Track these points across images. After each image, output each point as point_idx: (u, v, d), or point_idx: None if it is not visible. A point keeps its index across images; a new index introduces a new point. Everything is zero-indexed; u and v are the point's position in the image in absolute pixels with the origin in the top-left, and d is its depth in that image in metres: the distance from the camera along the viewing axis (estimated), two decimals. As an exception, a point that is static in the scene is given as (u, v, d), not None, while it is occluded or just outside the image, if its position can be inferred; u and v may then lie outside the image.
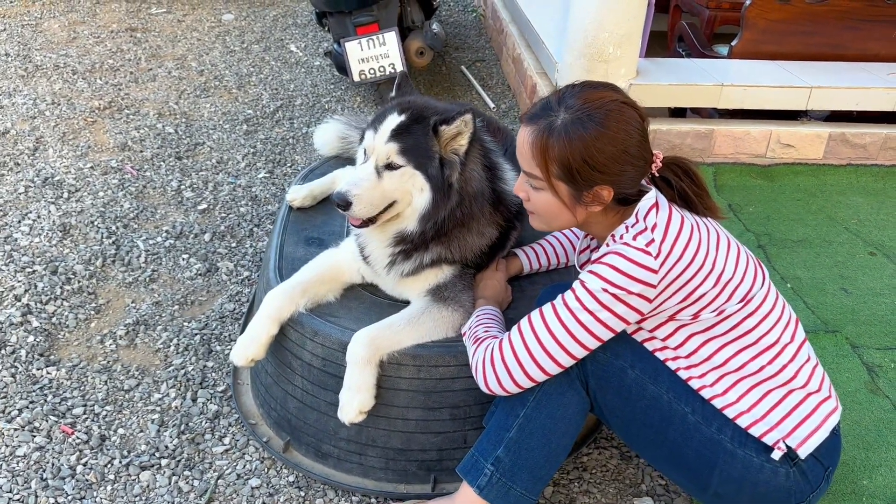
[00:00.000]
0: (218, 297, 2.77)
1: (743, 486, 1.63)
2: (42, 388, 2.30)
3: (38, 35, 5.35)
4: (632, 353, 1.67)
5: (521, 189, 1.69)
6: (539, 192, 1.63)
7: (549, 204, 1.64)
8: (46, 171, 3.54)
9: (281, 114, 4.36)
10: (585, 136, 1.52)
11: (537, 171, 1.59)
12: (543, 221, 1.71)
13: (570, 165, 1.54)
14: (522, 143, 1.62)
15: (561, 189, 1.59)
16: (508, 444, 1.68)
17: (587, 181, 1.55)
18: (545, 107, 1.59)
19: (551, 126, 1.55)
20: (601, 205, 1.61)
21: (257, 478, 2.05)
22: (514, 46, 4.77)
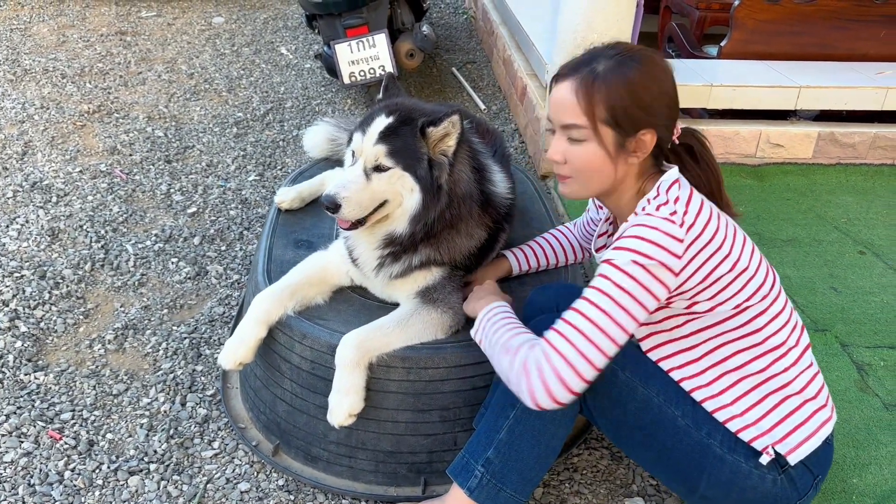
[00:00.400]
0: (207, 301, 2.76)
1: (730, 491, 1.64)
2: (30, 394, 2.29)
3: (27, 39, 5.33)
4: (623, 356, 1.64)
5: (557, 151, 1.60)
6: (580, 145, 1.56)
7: (591, 157, 1.56)
8: (35, 176, 3.52)
9: (271, 116, 4.35)
10: (630, 76, 1.52)
11: (582, 118, 1.53)
12: (581, 182, 1.62)
13: (617, 106, 1.51)
14: (562, 95, 1.56)
15: (606, 136, 1.54)
16: (499, 446, 1.67)
17: (633, 124, 1.53)
18: (581, 61, 1.58)
19: (594, 72, 1.53)
20: (643, 153, 1.57)
21: (247, 482, 2.04)
22: (504, 48, 4.78)
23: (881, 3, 3.97)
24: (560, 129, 1.59)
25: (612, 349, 1.51)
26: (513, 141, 4.17)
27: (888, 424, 2.22)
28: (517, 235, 2.35)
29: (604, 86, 1.52)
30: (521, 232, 2.39)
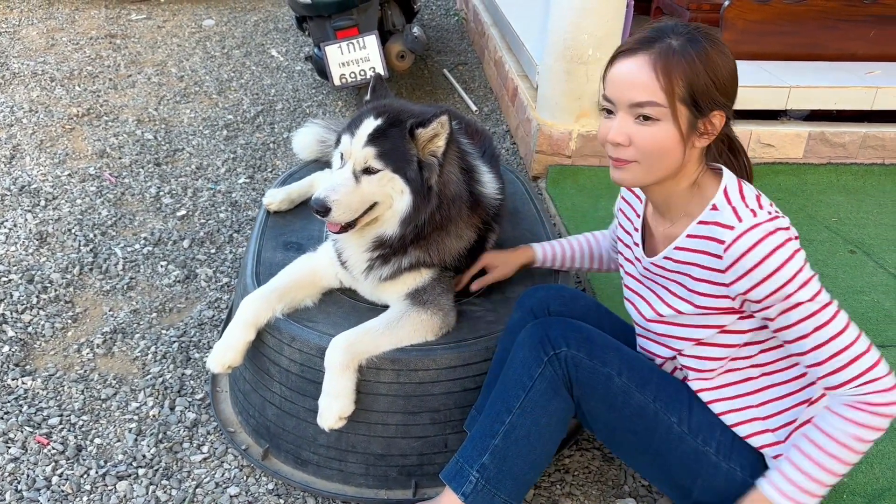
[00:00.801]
0: (197, 304, 2.75)
1: (724, 498, 1.62)
2: (17, 399, 2.27)
3: (15, 42, 5.30)
4: (619, 360, 1.64)
5: (621, 132, 1.48)
6: (652, 126, 1.46)
7: (663, 138, 1.46)
8: (23, 179, 3.49)
9: (261, 119, 4.33)
10: (708, 53, 1.44)
11: (660, 95, 1.43)
12: (646, 167, 1.50)
13: (697, 84, 1.43)
14: (633, 71, 1.46)
15: (682, 115, 1.45)
16: (494, 452, 1.65)
17: (708, 104, 1.45)
18: (650, 37, 1.48)
19: (670, 47, 1.44)
20: (711, 137, 1.50)
21: (236, 486, 2.02)
22: (495, 49, 4.77)
23: (870, 3, 3.98)
24: (627, 108, 1.48)
25: (864, 340, 1.44)
26: (504, 142, 4.16)
27: (879, 423, 2.21)
28: (507, 236, 2.34)
29: (683, 62, 1.43)
30: (512, 233, 2.39)
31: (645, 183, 1.55)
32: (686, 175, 1.54)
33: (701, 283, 1.54)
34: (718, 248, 1.45)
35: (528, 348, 1.65)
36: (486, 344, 1.92)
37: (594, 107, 3.56)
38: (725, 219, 1.45)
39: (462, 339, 1.92)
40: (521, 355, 1.66)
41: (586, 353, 1.62)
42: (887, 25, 4.04)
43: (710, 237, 1.48)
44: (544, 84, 3.63)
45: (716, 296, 1.52)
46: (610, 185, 3.58)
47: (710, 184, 1.55)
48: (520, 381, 1.64)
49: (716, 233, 1.46)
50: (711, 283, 1.51)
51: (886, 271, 2.98)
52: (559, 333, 1.64)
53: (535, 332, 1.66)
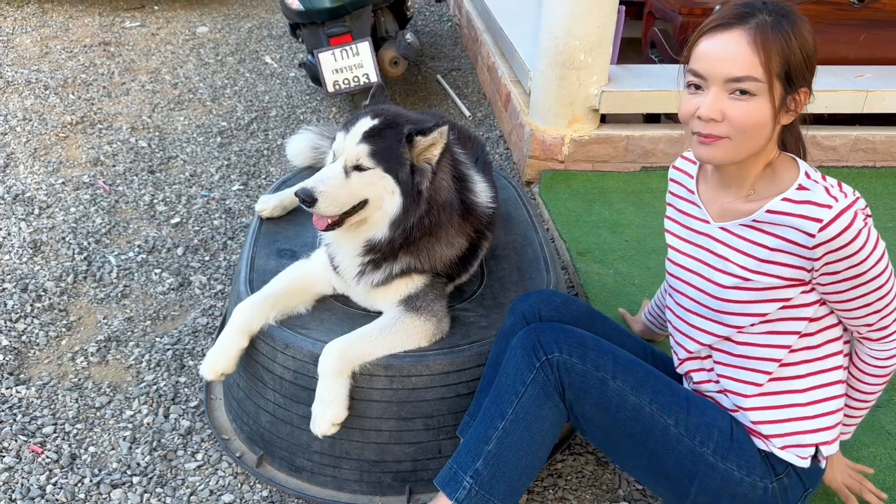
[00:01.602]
0: (191, 312, 2.75)
1: (721, 498, 1.65)
2: (11, 408, 2.27)
3: (9, 50, 5.30)
4: (613, 363, 1.65)
5: (715, 108, 1.48)
6: (748, 101, 1.47)
7: (758, 114, 1.48)
8: (17, 188, 3.50)
9: (255, 126, 4.34)
10: (799, 29, 1.48)
11: (759, 70, 1.45)
12: (737, 142, 1.51)
13: (792, 59, 1.46)
14: (730, 46, 1.47)
15: (777, 90, 1.47)
16: (487, 457, 1.65)
17: (799, 79, 1.49)
18: (741, 13, 1.49)
19: (766, 23, 1.46)
20: (796, 113, 1.55)
21: (230, 493, 2.03)
22: (488, 55, 4.79)
23: (860, 7, 4.01)
24: (722, 83, 1.48)
25: None
26: (497, 147, 4.17)
27: (871, 426, 2.23)
28: (500, 241, 2.36)
29: (780, 37, 1.45)
30: (504, 238, 2.40)
31: (733, 160, 1.55)
32: (765, 154, 1.57)
33: (778, 253, 1.55)
34: (812, 227, 1.47)
35: (520, 354, 1.67)
36: (479, 349, 1.92)
37: (586, 112, 3.58)
38: (819, 197, 1.48)
39: (455, 345, 1.93)
40: (514, 361, 1.67)
41: (579, 358, 1.63)
42: (877, 29, 4.06)
43: (803, 215, 1.49)
44: (537, 89, 3.65)
45: (793, 266, 1.54)
46: (603, 190, 3.59)
47: (784, 165, 1.58)
48: (512, 387, 1.66)
49: (811, 211, 1.48)
50: (792, 255, 1.53)
51: (878, 274, 3.00)
52: (551, 338, 1.65)
53: (528, 338, 1.67)
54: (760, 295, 1.59)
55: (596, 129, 3.66)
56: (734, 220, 1.63)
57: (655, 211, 3.37)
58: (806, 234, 1.49)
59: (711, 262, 1.68)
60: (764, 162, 1.58)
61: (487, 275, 2.24)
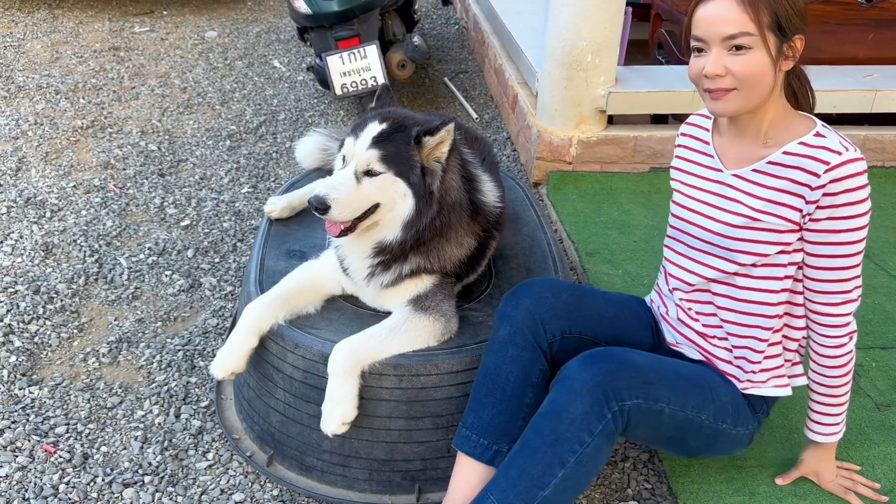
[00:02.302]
0: (201, 313, 2.77)
1: (723, 450, 1.90)
2: (24, 408, 2.29)
3: (20, 56, 5.35)
4: (667, 389, 1.70)
5: (718, 64, 1.61)
6: (745, 54, 1.60)
7: (757, 63, 1.60)
8: (29, 191, 3.53)
9: (264, 129, 4.36)
10: None
11: (750, 26, 1.58)
12: (745, 92, 1.63)
13: (780, 11, 1.58)
14: (721, 8, 1.60)
15: (770, 41, 1.59)
16: (542, 502, 1.60)
17: (790, 28, 1.60)
18: None
19: None
20: (794, 59, 1.65)
21: (241, 493, 2.04)
22: (495, 57, 4.80)
23: (868, 7, 4.00)
24: (720, 42, 1.61)
25: None
26: (505, 149, 4.19)
27: (880, 424, 2.22)
28: (508, 241, 2.37)
29: None
30: (512, 238, 2.41)
31: (745, 109, 1.67)
32: (773, 101, 1.69)
33: (784, 194, 1.68)
34: (819, 168, 1.62)
35: (588, 402, 1.60)
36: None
37: (594, 113, 3.59)
38: (833, 145, 1.62)
39: (464, 345, 1.94)
40: (581, 408, 1.60)
41: (644, 398, 1.65)
42: (885, 28, 4.05)
43: (815, 157, 1.63)
44: (544, 91, 3.66)
45: (794, 207, 1.68)
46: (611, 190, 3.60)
47: (799, 118, 1.71)
48: (577, 436, 1.60)
49: (822, 155, 1.62)
50: (795, 196, 1.67)
51: (888, 273, 2.99)
52: (623, 384, 1.63)
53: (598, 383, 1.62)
54: (765, 236, 1.72)
55: (603, 130, 3.66)
56: (747, 165, 1.75)
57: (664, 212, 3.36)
58: (812, 174, 1.63)
59: (722, 206, 1.79)
60: (774, 109, 1.70)
61: (496, 274, 2.25)
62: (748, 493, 2.01)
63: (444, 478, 1.85)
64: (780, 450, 2.14)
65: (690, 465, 2.09)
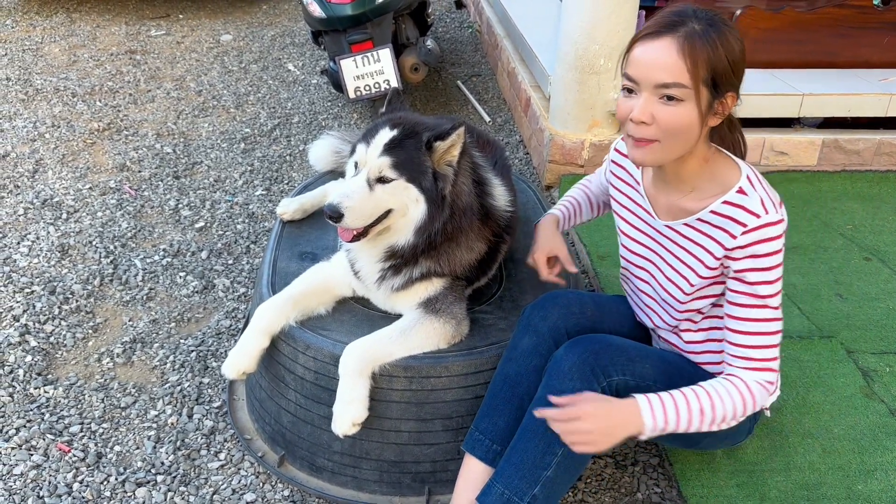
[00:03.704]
0: (214, 314, 2.79)
1: (724, 440, 1.92)
2: (39, 407, 2.32)
3: (38, 59, 5.42)
4: (653, 369, 1.73)
5: (646, 111, 1.55)
6: (675, 106, 1.54)
7: (684, 117, 1.54)
8: (45, 193, 3.57)
9: (278, 132, 4.39)
10: (726, 37, 1.53)
11: (686, 77, 1.51)
12: (666, 145, 1.59)
13: (718, 67, 1.52)
14: (659, 54, 1.53)
15: (703, 96, 1.53)
16: (546, 483, 1.65)
17: (725, 85, 1.55)
18: (672, 21, 1.56)
19: (694, 31, 1.52)
20: (723, 116, 1.61)
21: (252, 493, 2.06)
22: (508, 61, 4.81)
23: (883, 10, 3.98)
24: (652, 88, 1.55)
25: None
26: (517, 152, 4.19)
27: (894, 430, 2.21)
28: (519, 245, 2.37)
29: (707, 46, 1.51)
30: (524, 241, 2.40)
31: (664, 161, 1.64)
32: (696, 154, 1.64)
33: (706, 252, 1.67)
34: (738, 229, 1.58)
35: (577, 379, 1.65)
36: (498, 352, 1.94)
37: (606, 116, 3.59)
38: (752, 206, 1.57)
39: (474, 347, 1.95)
40: (571, 386, 1.65)
41: (631, 375, 1.69)
42: (901, 32, 4.03)
43: (734, 218, 1.59)
44: (556, 94, 3.66)
45: (713, 268, 1.66)
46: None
47: (725, 166, 1.66)
48: None
49: (741, 216, 1.58)
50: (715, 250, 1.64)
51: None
52: (608, 360, 1.68)
53: (584, 363, 1.67)
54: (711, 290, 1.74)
55: (616, 133, 3.66)
56: (679, 219, 1.73)
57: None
58: (729, 234, 1.60)
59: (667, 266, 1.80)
60: (697, 161, 1.66)
61: (506, 277, 2.25)
62: (759, 497, 2.00)
63: (454, 480, 1.86)
64: (791, 454, 2.13)
65: (701, 469, 2.08)
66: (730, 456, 2.13)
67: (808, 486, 2.03)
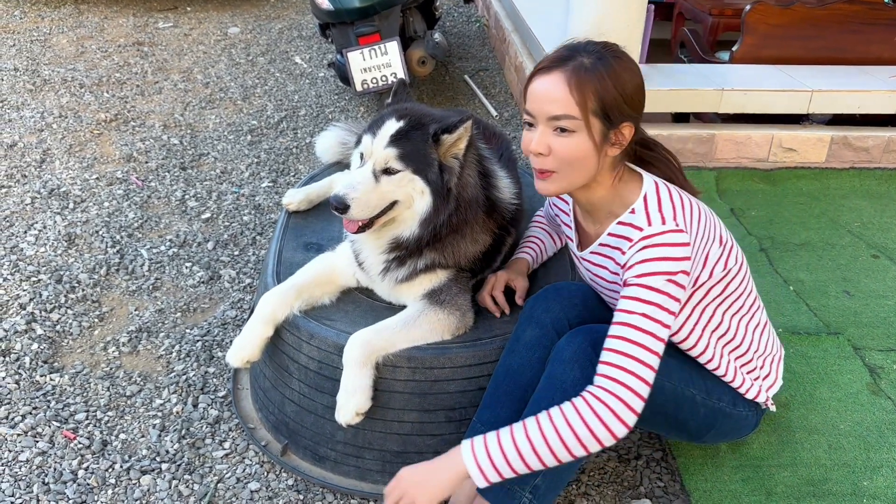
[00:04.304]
0: (220, 305, 2.80)
1: (729, 434, 1.99)
2: (45, 395, 2.33)
3: (46, 50, 5.43)
4: None
5: (542, 143, 1.61)
6: (568, 137, 1.59)
7: (578, 149, 1.59)
8: (53, 183, 3.58)
9: (285, 124, 4.39)
10: (616, 70, 1.57)
11: (575, 109, 1.56)
12: (564, 175, 1.64)
13: (607, 98, 1.56)
14: (550, 88, 1.58)
15: (595, 127, 1.58)
16: (547, 473, 1.66)
17: (618, 116, 1.58)
18: (563, 56, 1.60)
19: (582, 65, 1.57)
20: (622, 146, 1.63)
21: (256, 481, 2.06)
22: (516, 55, 4.80)
23: (894, 7, 3.96)
24: (546, 121, 1.61)
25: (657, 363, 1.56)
26: (524, 147, 4.18)
27: (904, 430, 2.20)
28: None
29: (595, 78, 1.56)
30: (529, 234, 2.40)
31: (566, 190, 1.69)
32: (602, 181, 1.68)
33: (613, 274, 1.74)
34: (626, 245, 1.62)
35: (577, 367, 1.66)
36: (502, 343, 1.93)
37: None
38: (639, 221, 1.62)
39: (478, 339, 1.94)
40: (572, 376, 1.66)
41: None
42: (912, 29, 4.01)
43: (624, 236, 1.65)
44: (564, 88, 3.65)
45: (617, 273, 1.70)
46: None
47: (632, 188, 1.69)
48: None
49: (629, 232, 1.63)
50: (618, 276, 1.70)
51: (909, 275, 2.96)
52: None
53: (582, 349, 1.68)
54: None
55: (623, 128, 3.65)
56: (587, 248, 1.80)
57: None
58: (621, 251, 1.65)
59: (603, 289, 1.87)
60: (604, 188, 1.69)
61: (512, 270, 2.24)
62: (765, 492, 2.00)
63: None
64: (798, 450, 2.13)
65: (705, 464, 2.08)
66: (735, 451, 2.12)
67: (814, 482, 2.03)
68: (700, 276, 1.70)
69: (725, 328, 1.83)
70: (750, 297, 1.88)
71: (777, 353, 2.03)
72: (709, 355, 1.82)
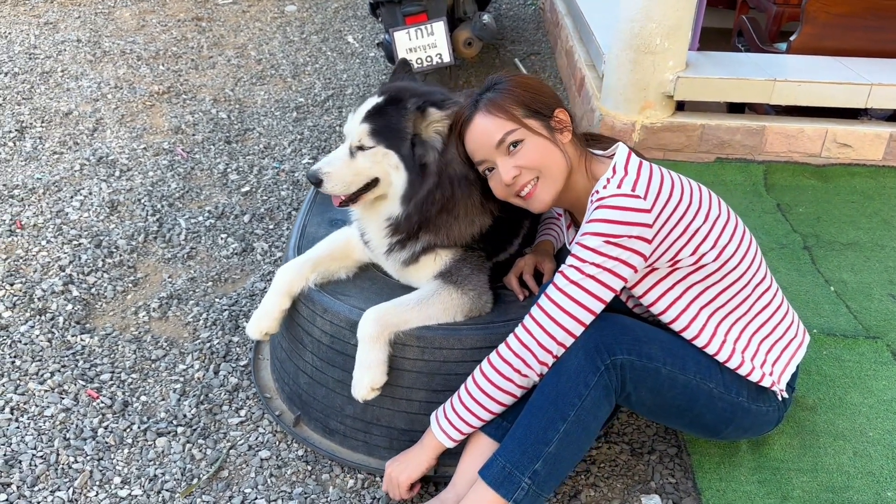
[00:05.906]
0: (251, 276, 2.84)
1: (749, 430, 1.92)
2: (74, 354, 2.41)
3: (109, 23, 5.58)
4: (661, 350, 1.72)
5: (509, 168, 1.71)
6: (522, 146, 1.70)
7: (536, 148, 1.71)
8: (102, 151, 3.69)
9: (331, 102, 4.42)
10: (511, 81, 1.75)
11: (509, 124, 1.70)
12: (547, 178, 1.73)
13: (524, 100, 1.71)
14: (481, 126, 1.72)
15: (534, 125, 1.71)
16: (547, 459, 1.67)
17: (544, 107, 1.73)
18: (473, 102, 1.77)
19: (487, 97, 1.74)
20: (568, 130, 1.75)
21: (268, 450, 2.09)
22: (567, 39, 4.72)
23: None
24: (496, 151, 1.72)
25: (591, 319, 1.67)
26: (568, 133, 4.11)
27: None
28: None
29: (503, 96, 1.73)
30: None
31: (557, 190, 1.74)
32: (579, 171, 1.77)
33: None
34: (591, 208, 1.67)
35: (582, 356, 1.67)
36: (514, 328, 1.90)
37: (660, 98, 3.48)
38: (598, 186, 1.69)
39: (490, 322, 1.92)
40: (576, 363, 1.67)
41: (637, 355, 1.69)
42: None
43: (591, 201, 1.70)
44: (610, 73, 3.57)
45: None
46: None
47: (601, 168, 1.77)
48: (575, 390, 1.67)
49: (593, 197, 1.68)
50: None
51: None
52: (612, 339, 1.69)
53: (589, 337, 1.69)
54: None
55: (670, 116, 3.55)
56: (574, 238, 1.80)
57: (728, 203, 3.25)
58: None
59: None
60: (582, 178, 1.77)
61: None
62: (781, 496, 1.93)
63: (461, 452, 1.85)
64: (821, 455, 2.05)
65: (721, 462, 2.02)
66: (754, 451, 2.06)
67: (835, 489, 1.95)
68: (681, 252, 1.69)
69: (727, 312, 1.80)
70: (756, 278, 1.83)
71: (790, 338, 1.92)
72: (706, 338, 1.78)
